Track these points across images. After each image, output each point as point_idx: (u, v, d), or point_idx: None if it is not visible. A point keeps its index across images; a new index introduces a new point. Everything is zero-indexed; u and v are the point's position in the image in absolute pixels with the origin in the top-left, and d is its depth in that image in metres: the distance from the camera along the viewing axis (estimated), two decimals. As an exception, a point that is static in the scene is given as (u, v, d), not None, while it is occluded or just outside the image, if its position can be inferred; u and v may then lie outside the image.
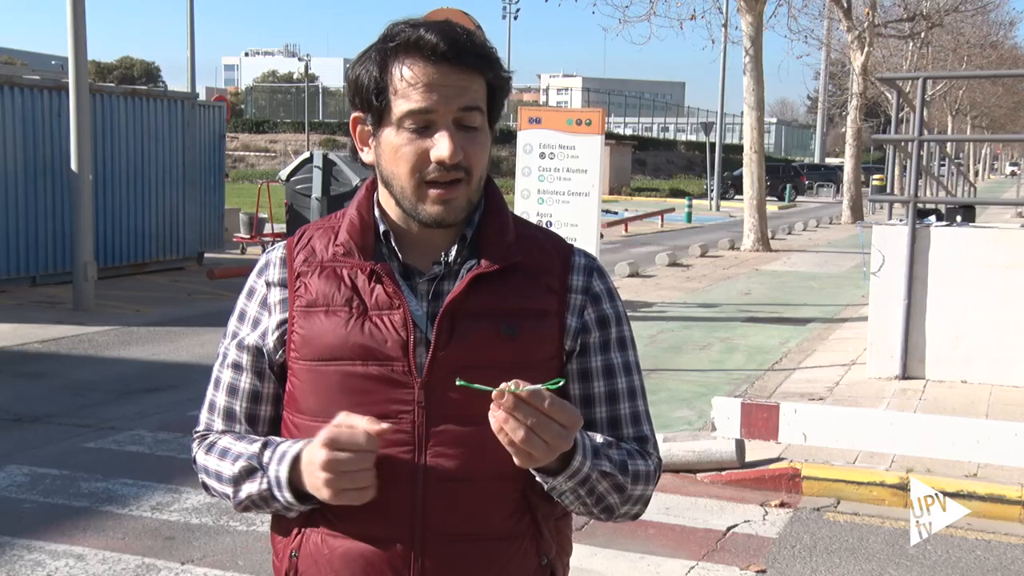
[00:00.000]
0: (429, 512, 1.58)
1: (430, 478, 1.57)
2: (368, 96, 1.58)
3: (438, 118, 1.54)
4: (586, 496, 1.58)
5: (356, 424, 1.50)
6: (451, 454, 1.56)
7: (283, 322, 1.65)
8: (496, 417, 1.41)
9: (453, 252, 1.63)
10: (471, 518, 1.59)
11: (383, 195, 1.66)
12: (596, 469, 1.56)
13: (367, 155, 1.66)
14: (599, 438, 1.61)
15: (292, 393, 1.65)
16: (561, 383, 1.42)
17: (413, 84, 1.54)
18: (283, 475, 1.57)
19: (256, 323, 1.69)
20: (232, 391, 1.70)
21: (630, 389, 1.71)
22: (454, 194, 1.57)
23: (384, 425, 1.50)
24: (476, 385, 1.44)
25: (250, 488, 1.62)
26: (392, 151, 1.58)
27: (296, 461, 1.56)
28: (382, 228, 1.65)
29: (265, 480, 1.60)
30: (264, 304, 1.68)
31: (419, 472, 1.57)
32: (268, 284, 1.68)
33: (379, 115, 1.58)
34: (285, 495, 1.58)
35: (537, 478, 1.56)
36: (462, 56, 1.54)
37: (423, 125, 1.55)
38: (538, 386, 1.41)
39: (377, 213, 1.66)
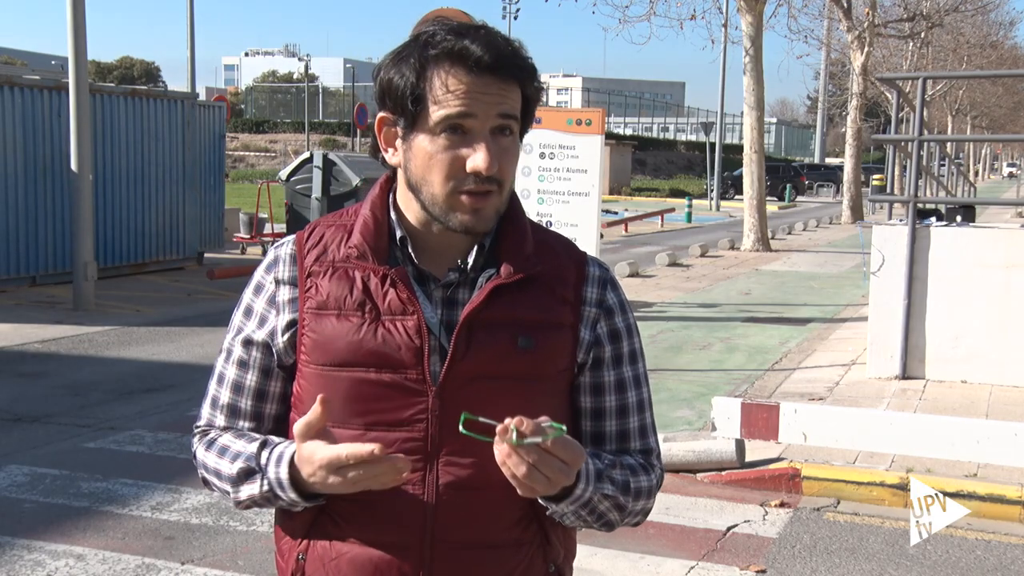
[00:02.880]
0: (439, 519, 1.58)
1: (441, 486, 1.57)
2: (403, 100, 1.54)
3: (476, 125, 1.52)
4: (587, 516, 1.60)
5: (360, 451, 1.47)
6: (463, 463, 1.56)
7: (293, 323, 1.63)
8: (500, 450, 1.42)
9: (471, 259, 1.61)
10: (481, 526, 1.59)
11: (404, 198, 1.63)
12: (598, 492, 1.57)
13: (392, 157, 1.62)
14: (603, 458, 1.62)
15: (301, 396, 1.64)
16: (564, 429, 1.42)
17: (454, 92, 1.51)
18: (284, 476, 1.56)
19: (263, 320, 1.66)
20: (237, 388, 1.68)
21: (639, 402, 1.72)
22: (485, 203, 1.55)
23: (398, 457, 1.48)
24: (481, 418, 1.44)
25: (250, 490, 1.61)
26: (426, 157, 1.55)
27: (294, 460, 1.55)
28: (399, 233, 1.62)
29: (265, 482, 1.58)
30: (272, 302, 1.66)
31: (430, 480, 1.57)
32: (277, 281, 1.66)
33: (412, 120, 1.55)
34: (290, 495, 1.57)
35: (540, 502, 1.57)
36: (505, 67, 1.53)
37: (460, 133, 1.53)
38: (543, 423, 1.42)
39: (393, 215, 1.64)
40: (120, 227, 15.03)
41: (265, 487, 1.58)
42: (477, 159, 1.52)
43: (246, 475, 1.60)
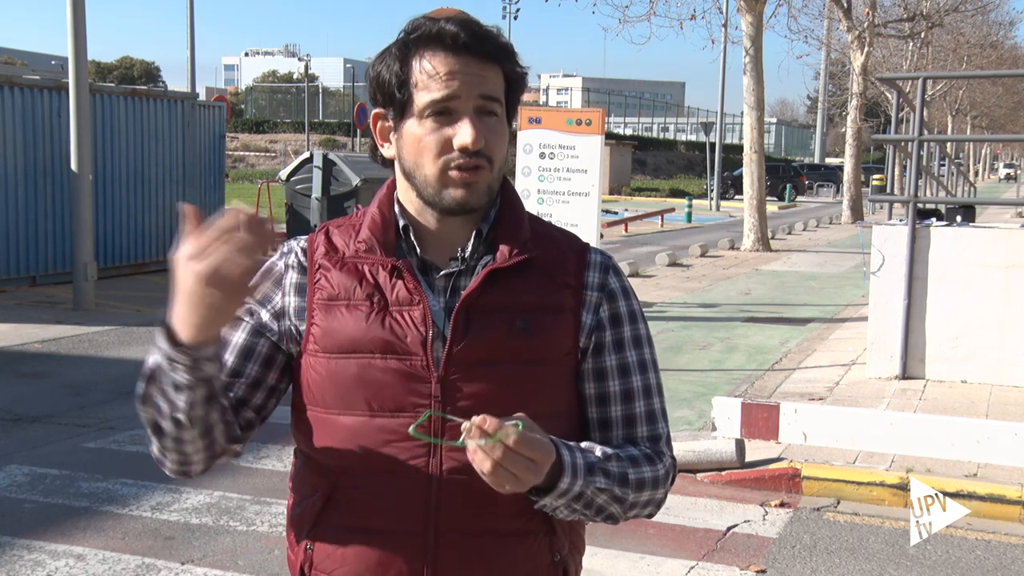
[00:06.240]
0: (443, 506, 1.59)
1: (444, 471, 1.59)
2: (390, 90, 1.60)
3: (460, 106, 1.56)
4: (583, 509, 1.59)
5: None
6: (460, 449, 1.57)
7: (300, 310, 1.66)
8: (468, 447, 1.44)
9: (469, 247, 1.64)
10: (485, 513, 1.60)
11: (403, 189, 1.67)
12: (591, 486, 1.56)
13: (388, 150, 1.67)
14: (598, 451, 1.61)
15: (309, 386, 1.65)
16: (521, 426, 1.44)
17: (434, 75, 1.56)
18: (159, 321, 1.47)
19: (265, 300, 1.69)
20: (221, 345, 1.65)
21: (645, 387, 1.72)
22: (476, 178, 1.59)
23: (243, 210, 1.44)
24: (450, 416, 1.50)
25: (146, 364, 1.50)
26: (415, 141, 1.59)
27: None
28: (401, 222, 1.66)
29: (153, 349, 1.48)
30: (278, 284, 1.69)
31: (434, 465, 1.59)
32: (287, 266, 1.69)
33: (401, 108, 1.60)
34: (160, 344, 1.46)
35: (529, 496, 1.57)
36: (482, 46, 1.57)
37: (445, 114, 1.57)
38: (509, 420, 1.44)
39: (397, 210, 1.68)
40: (120, 227, 15.02)
41: (152, 357, 1.49)
42: (463, 135, 1.55)
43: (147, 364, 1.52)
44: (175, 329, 1.45)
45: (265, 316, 1.68)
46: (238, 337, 1.68)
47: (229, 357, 1.67)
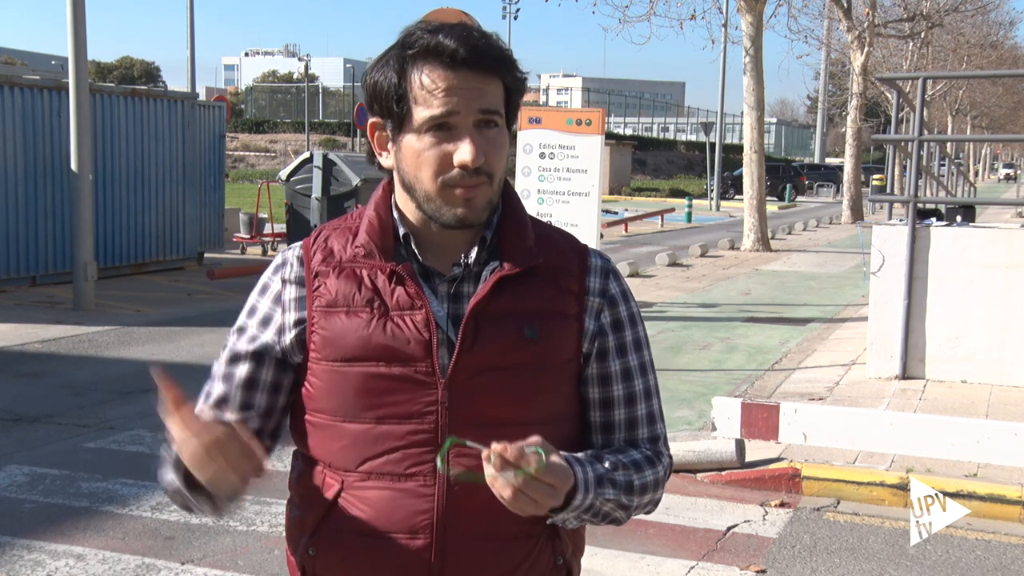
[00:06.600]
0: (449, 510, 1.60)
1: (451, 477, 1.59)
2: (388, 103, 1.58)
3: (459, 121, 1.55)
4: (591, 518, 1.62)
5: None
6: (472, 454, 1.56)
7: (301, 321, 1.65)
8: (488, 473, 1.44)
9: (474, 254, 1.64)
10: (490, 517, 1.60)
11: (402, 198, 1.66)
12: (600, 498, 1.58)
13: (386, 159, 1.66)
14: (606, 461, 1.63)
15: (311, 393, 1.65)
16: (544, 457, 1.44)
17: (433, 90, 1.54)
18: (172, 454, 1.58)
19: (267, 320, 1.68)
20: (227, 378, 1.69)
21: (646, 390, 1.73)
22: (476, 193, 1.58)
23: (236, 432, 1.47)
24: (468, 442, 1.49)
25: (167, 476, 1.63)
26: (414, 156, 1.58)
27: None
28: (401, 230, 1.65)
29: (171, 468, 1.61)
30: (278, 300, 1.68)
31: (440, 471, 1.59)
32: (284, 281, 1.68)
33: (399, 121, 1.59)
34: (171, 475, 1.60)
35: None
36: (481, 60, 1.55)
37: (445, 129, 1.55)
38: (528, 446, 1.44)
39: (395, 215, 1.67)
40: (120, 227, 15.02)
41: (171, 474, 1.62)
42: (463, 153, 1.54)
43: (167, 462, 1.64)
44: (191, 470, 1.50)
45: (266, 337, 1.67)
46: (240, 371, 1.68)
47: (236, 392, 1.68)
